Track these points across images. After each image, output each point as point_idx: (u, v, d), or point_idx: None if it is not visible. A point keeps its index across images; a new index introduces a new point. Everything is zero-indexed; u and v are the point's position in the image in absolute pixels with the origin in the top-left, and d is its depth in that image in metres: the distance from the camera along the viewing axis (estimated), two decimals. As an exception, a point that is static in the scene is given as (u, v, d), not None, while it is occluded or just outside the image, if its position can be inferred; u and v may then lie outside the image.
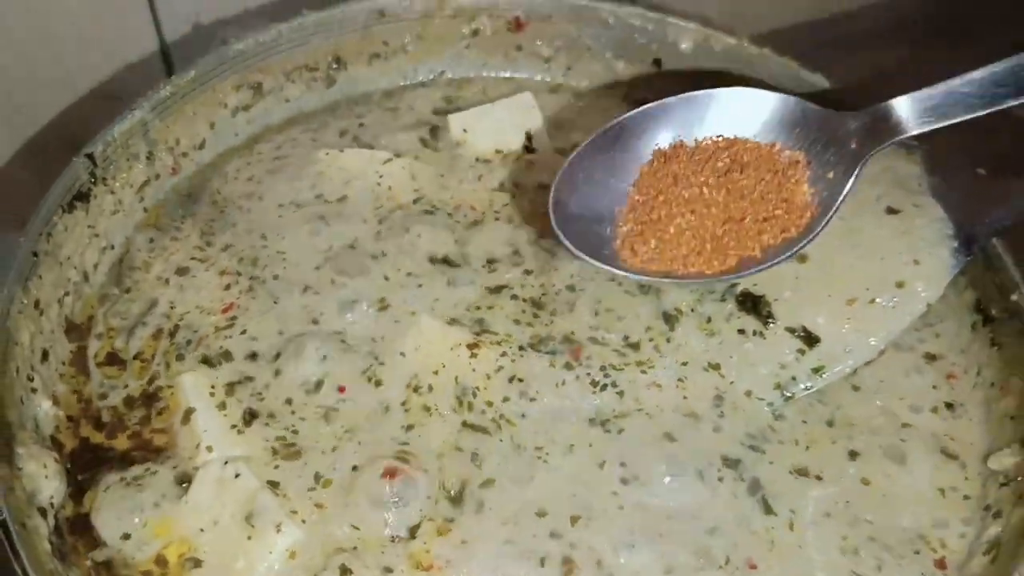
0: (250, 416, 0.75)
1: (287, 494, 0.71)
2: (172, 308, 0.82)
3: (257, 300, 0.82)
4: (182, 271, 0.84)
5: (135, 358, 0.79)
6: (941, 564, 0.72)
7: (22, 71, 1.07)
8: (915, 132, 0.72)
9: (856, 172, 0.72)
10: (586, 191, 0.76)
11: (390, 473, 0.70)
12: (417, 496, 0.71)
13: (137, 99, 0.86)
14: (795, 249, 0.73)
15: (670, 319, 0.81)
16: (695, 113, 0.74)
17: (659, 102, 0.75)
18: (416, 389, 0.77)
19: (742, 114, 0.75)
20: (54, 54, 1.07)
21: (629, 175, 0.76)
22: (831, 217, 0.73)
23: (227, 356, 0.78)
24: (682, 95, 0.75)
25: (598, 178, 0.76)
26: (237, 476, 0.69)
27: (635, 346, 0.80)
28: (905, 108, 0.73)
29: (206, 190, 0.91)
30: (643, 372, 0.78)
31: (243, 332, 0.80)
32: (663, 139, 0.75)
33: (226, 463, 0.70)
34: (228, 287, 0.83)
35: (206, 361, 0.78)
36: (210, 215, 0.89)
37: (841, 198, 0.72)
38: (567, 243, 0.73)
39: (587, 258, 0.73)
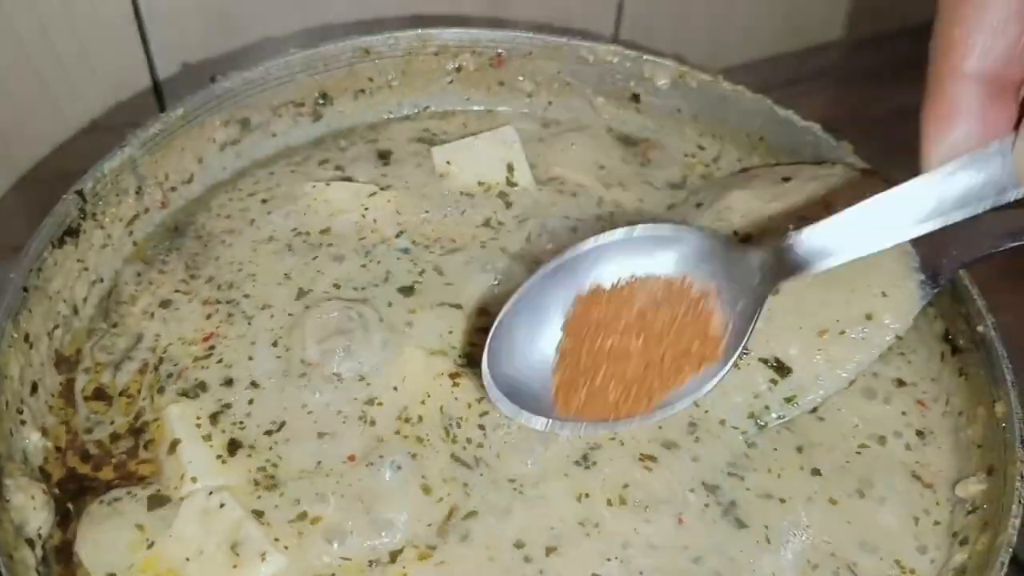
0: (233, 446, 0.76)
1: (270, 523, 0.72)
2: (157, 341, 0.83)
3: (234, 327, 0.84)
4: (166, 304, 0.86)
5: (121, 394, 0.80)
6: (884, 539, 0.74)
7: (15, 107, 1.10)
8: (817, 270, 0.69)
9: (758, 310, 0.71)
10: (523, 338, 0.74)
11: None
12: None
13: (127, 135, 0.88)
14: (707, 388, 0.72)
15: None
16: (607, 255, 0.73)
17: (571, 249, 0.72)
18: (407, 420, 0.79)
19: (654, 251, 0.73)
20: (47, 92, 1.10)
21: (556, 323, 0.74)
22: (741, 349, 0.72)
23: (203, 387, 0.80)
24: (587, 241, 0.73)
25: (528, 328, 0.74)
26: (222, 506, 0.71)
27: None
28: (806, 244, 0.69)
29: (191, 224, 0.93)
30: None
31: (219, 361, 0.82)
32: (581, 284, 0.74)
33: (211, 493, 0.72)
34: (209, 316, 0.85)
35: (184, 393, 0.79)
36: (195, 249, 0.91)
37: (748, 335, 0.71)
38: (499, 405, 0.72)
39: (518, 415, 0.72)
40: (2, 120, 1.09)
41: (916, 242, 0.82)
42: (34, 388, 0.78)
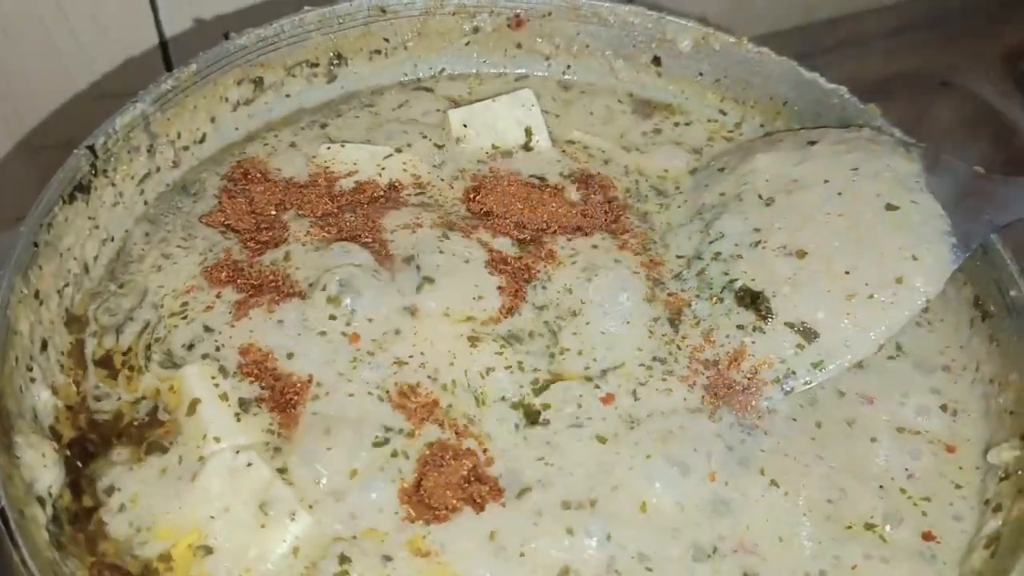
0: (244, 403, 0.75)
1: (293, 482, 0.70)
2: (160, 296, 0.81)
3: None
4: (167, 256, 0.84)
5: (124, 364, 0.78)
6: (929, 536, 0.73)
7: (20, 67, 1.08)
8: None
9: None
10: None
11: None
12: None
13: (139, 92, 0.86)
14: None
15: (672, 322, 0.82)
16: None
17: None
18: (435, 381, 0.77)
19: None
20: (52, 50, 1.08)
21: None
22: None
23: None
24: None
25: None
26: (249, 465, 0.70)
27: (640, 348, 0.80)
28: None
29: (201, 183, 0.91)
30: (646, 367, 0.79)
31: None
32: None
33: (238, 452, 0.70)
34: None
35: (191, 345, 0.78)
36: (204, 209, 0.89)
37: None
38: None
39: None
40: (10, 79, 1.07)
41: (949, 205, 0.81)
42: (44, 346, 0.76)
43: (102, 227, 0.84)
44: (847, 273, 0.79)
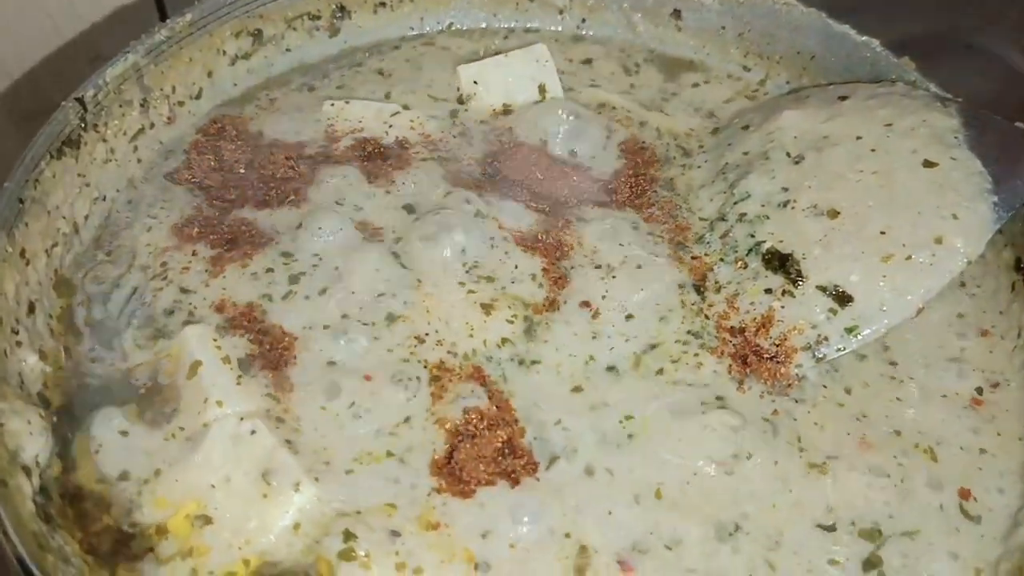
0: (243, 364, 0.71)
1: (298, 451, 0.67)
2: (143, 260, 0.78)
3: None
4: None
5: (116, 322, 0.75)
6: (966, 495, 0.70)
7: (5, 24, 1.03)
8: None
9: None
10: None
11: None
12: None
13: (131, 43, 0.81)
14: None
15: (698, 288, 0.78)
16: None
17: None
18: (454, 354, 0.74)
19: None
20: (40, 4, 1.03)
21: None
22: None
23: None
24: None
25: None
26: (253, 433, 0.66)
27: (664, 319, 0.76)
28: None
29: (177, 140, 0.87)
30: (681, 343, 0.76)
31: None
32: None
33: (242, 419, 0.66)
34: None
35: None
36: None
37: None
38: None
39: None
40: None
41: (990, 162, 0.76)
42: (31, 308, 0.72)
43: (93, 185, 0.80)
44: (882, 233, 0.75)
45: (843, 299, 0.74)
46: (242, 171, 0.84)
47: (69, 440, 0.68)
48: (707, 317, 0.77)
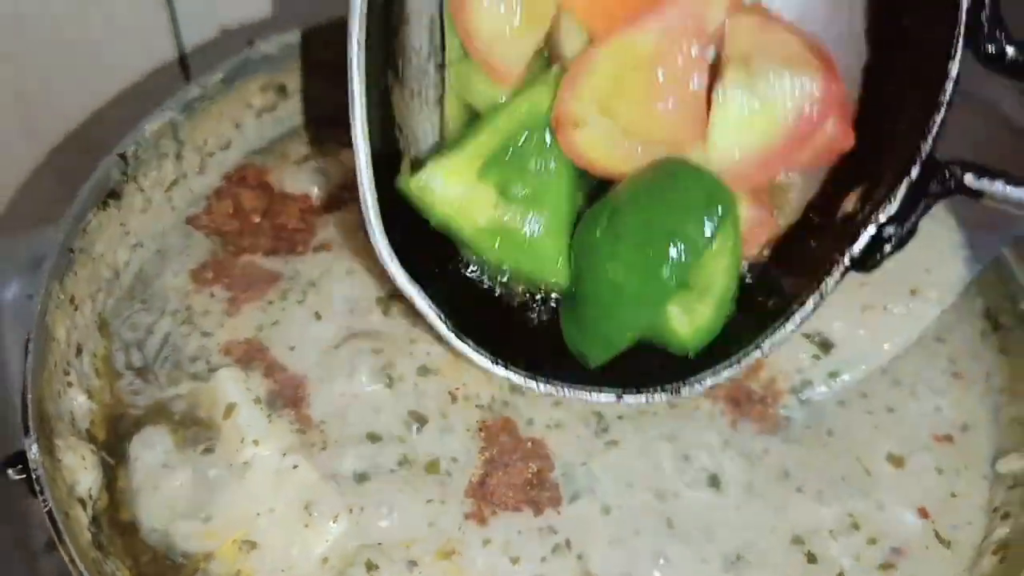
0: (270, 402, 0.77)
1: (337, 483, 0.73)
2: (172, 306, 0.84)
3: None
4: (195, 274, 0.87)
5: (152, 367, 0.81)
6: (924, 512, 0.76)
7: (40, 75, 1.09)
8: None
9: None
10: None
11: None
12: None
13: (166, 99, 0.87)
14: None
15: None
16: None
17: None
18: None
19: None
20: (73, 63, 1.09)
21: None
22: None
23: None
24: None
25: None
26: (295, 467, 0.72)
27: None
28: None
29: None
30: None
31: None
32: None
33: (284, 455, 0.72)
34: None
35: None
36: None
37: None
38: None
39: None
40: (30, 90, 1.09)
41: (962, 217, 0.83)
42: (79, 350, 0.78)
43: (132, 233, 0.86)
44: (862, 285, 0.81)
45: (826, 346, 0.81)
46: (257, 220, 0.90)
47: (115, 474, 0.74)
48: None
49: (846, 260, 0.69)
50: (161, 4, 1.07)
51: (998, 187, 0.66)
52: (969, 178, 0.67)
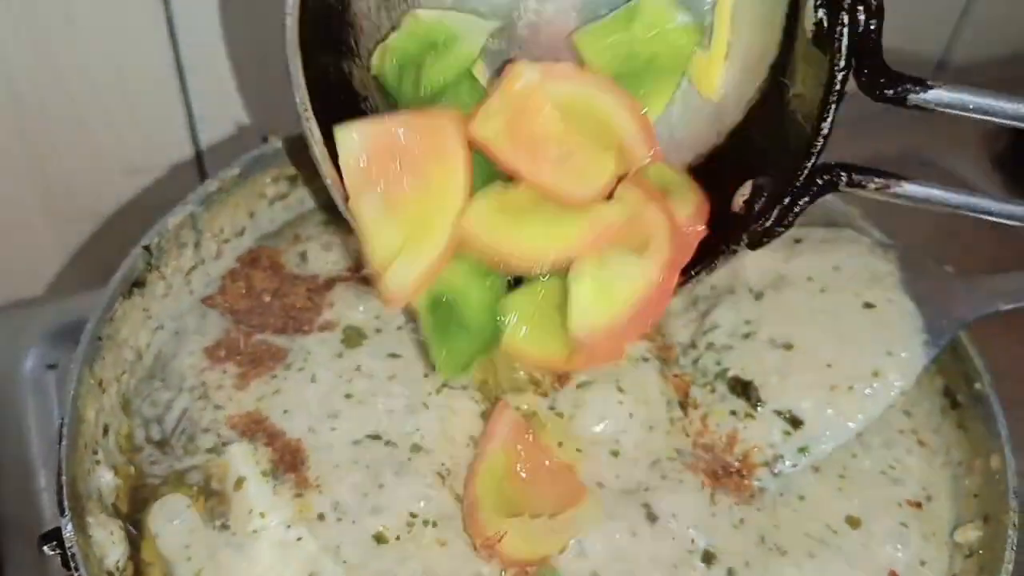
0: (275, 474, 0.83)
1: (346, 560, 0.78)
2: (189, 383, 0.89)
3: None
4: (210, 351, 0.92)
5: (169, 440, 0.86)
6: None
7: (54, 149, 1.17)
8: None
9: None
10: None
11: None
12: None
13: (188, 194, 0.95)
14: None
15: (682, 404, 0.91)
16: None
17: None
18: None
19: None
20: (87, 139, 1.17)
21: None
22: None
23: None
24: None
25: None
26: (299, 540, 0.77)
27: (650, 428, 0.88)
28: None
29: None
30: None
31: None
32: None
33: (288, 527, 0.78)
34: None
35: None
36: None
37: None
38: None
39: None
40: (45, 161, 1.16)
41: (922, 303, 0.90)
42: (105, 430, 0.84)
43: (154, 317, 0.93)
44: (829, 366, 0.88)
45: (796, 422, 0.87)
46: (267, 299, 0.97)
47: (138, 545, 0.80)
48: (687, 434, 0.89)
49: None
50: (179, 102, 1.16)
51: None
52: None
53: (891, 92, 0.76)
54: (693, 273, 0.86)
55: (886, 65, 0.76)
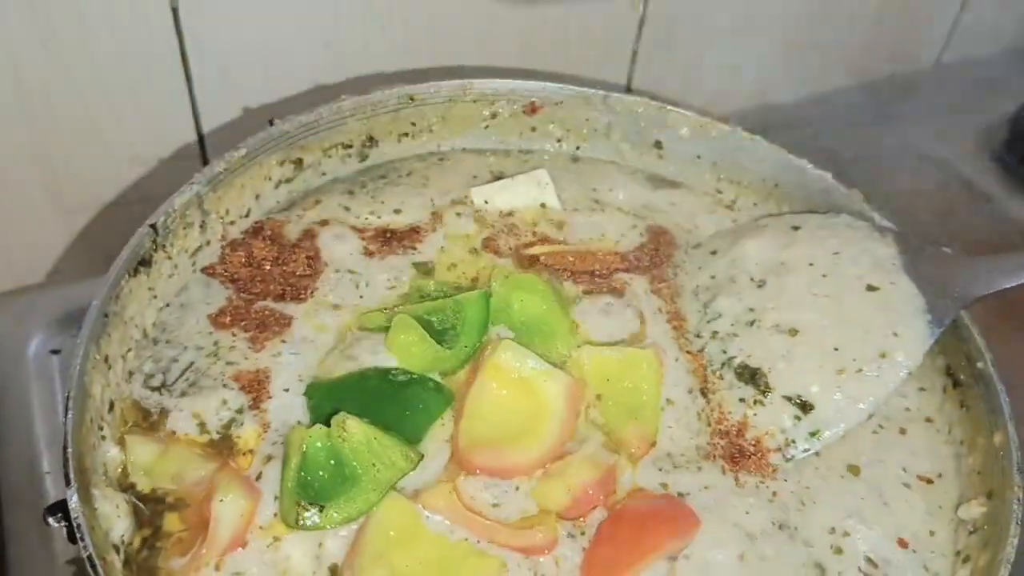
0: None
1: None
2: (195, 342, 0.90)
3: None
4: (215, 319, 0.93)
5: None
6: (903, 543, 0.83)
7: (59, 139, 1.17)
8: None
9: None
10: None
11: None
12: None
13: (194, 175, 0.95)
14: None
15: (704, 392, 0.91)
16: None
17: None
18: None
19: None
20: (93, 129, 1.17)
21: None
22: None
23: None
24: None
25: None
26: (288, 558, 0.77)
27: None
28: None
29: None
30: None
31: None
32: None
33: (275, 539, 0.78)
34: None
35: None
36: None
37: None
38: None
39: None
40: (51, 150, 1.16)
41: (923, 284, 0.90)
42: (111, 406, 0.84)
43: (159, 296, 0.93)
44: (836, 350, 0.88)
45: (805, 407, 0.87)
46: (268, 267, 0.97)
47: (143, 518, 0.80)
48: (708, 423, 0.89)
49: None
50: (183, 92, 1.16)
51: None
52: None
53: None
54: None
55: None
